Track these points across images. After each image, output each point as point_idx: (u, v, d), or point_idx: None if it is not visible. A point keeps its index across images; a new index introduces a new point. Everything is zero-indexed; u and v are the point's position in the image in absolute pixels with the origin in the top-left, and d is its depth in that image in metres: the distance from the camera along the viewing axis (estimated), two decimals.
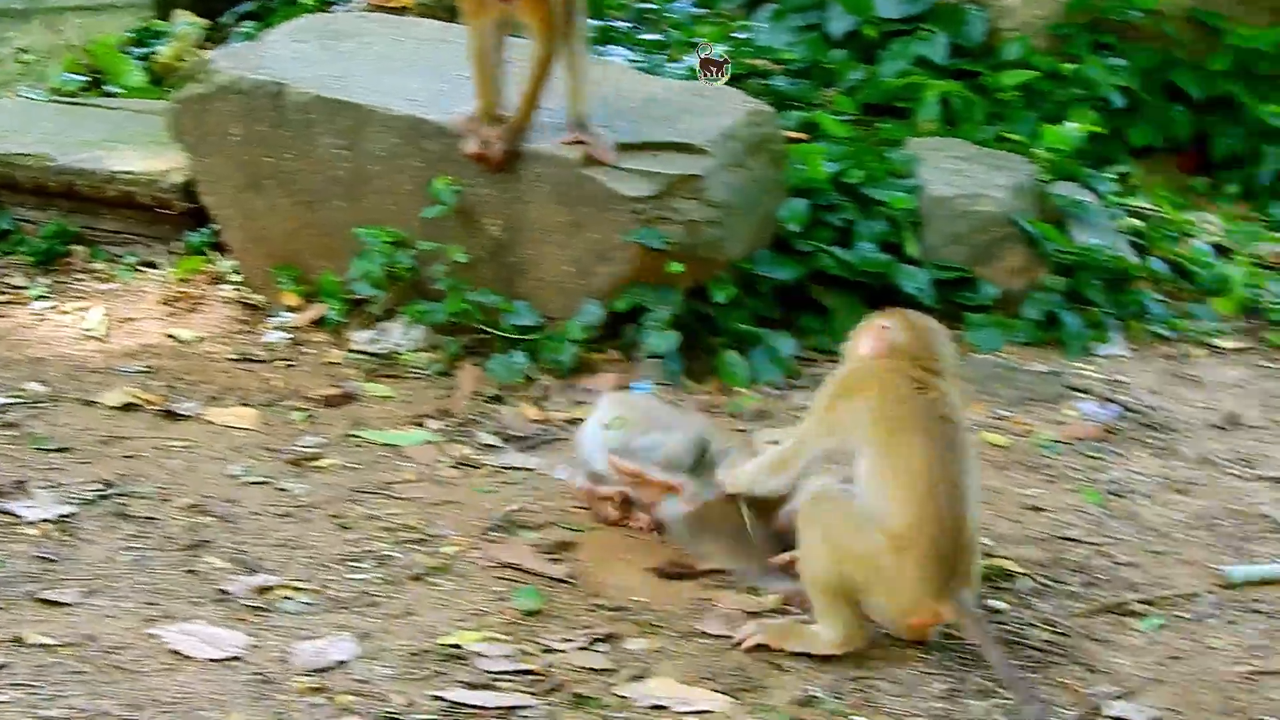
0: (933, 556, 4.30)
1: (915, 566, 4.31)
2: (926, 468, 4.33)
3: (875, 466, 4.40)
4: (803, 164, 7.16)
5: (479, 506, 5.37)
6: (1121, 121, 8.65)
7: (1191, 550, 5.19)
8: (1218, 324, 7.11)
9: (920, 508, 4.31)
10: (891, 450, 4.39)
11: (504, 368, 6.31)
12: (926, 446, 4.35)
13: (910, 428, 4.38)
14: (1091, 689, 4.38)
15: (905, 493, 4.34)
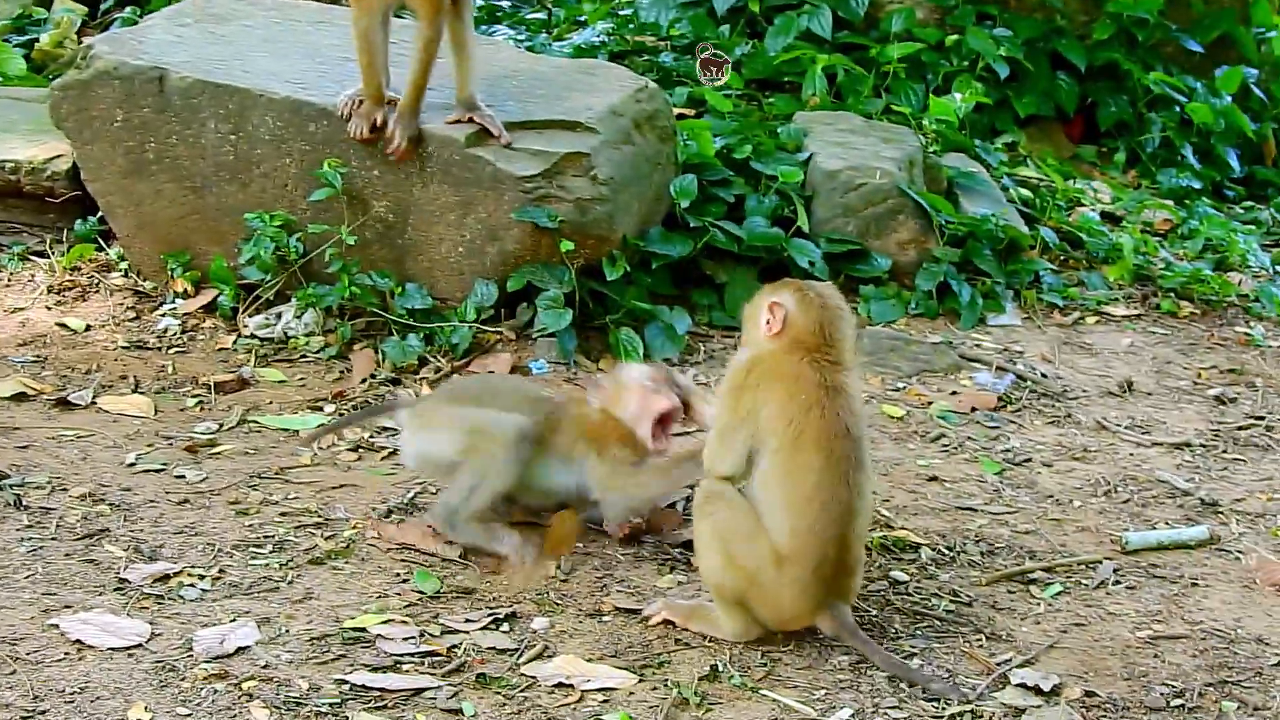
0: (814, 576, 4.29)
1: (795, 583, 4.31)
2: (819, 490, 4.28)
3: (771, 476, 4.36)
4: (691, 140, 7.16)
5: (376, 490, 5.34)
6: (1008, 92, 8.71)
7: (1090, 517, 5.22)
8: (1109, 291, 7.15)
9: (808, 530, 4.28)
10: (789, 463, 4.32)
11: (398, 350, 6.27)
12: (824, 467, 4.29)
13: (811, 444, 4.30)
14: (996, 657, 4.40)
15: (795, 511, 4.30)
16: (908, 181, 7.08)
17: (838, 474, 4.28)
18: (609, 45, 8.89)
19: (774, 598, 4.34)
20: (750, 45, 8.92)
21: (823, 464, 4.28)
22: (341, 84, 6.51)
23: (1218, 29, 9.41)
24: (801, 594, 4.30)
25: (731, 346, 6.49)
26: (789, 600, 4.33)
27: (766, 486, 4.36)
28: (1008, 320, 6.84)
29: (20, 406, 5.87)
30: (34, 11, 9.24)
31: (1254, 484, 5.44)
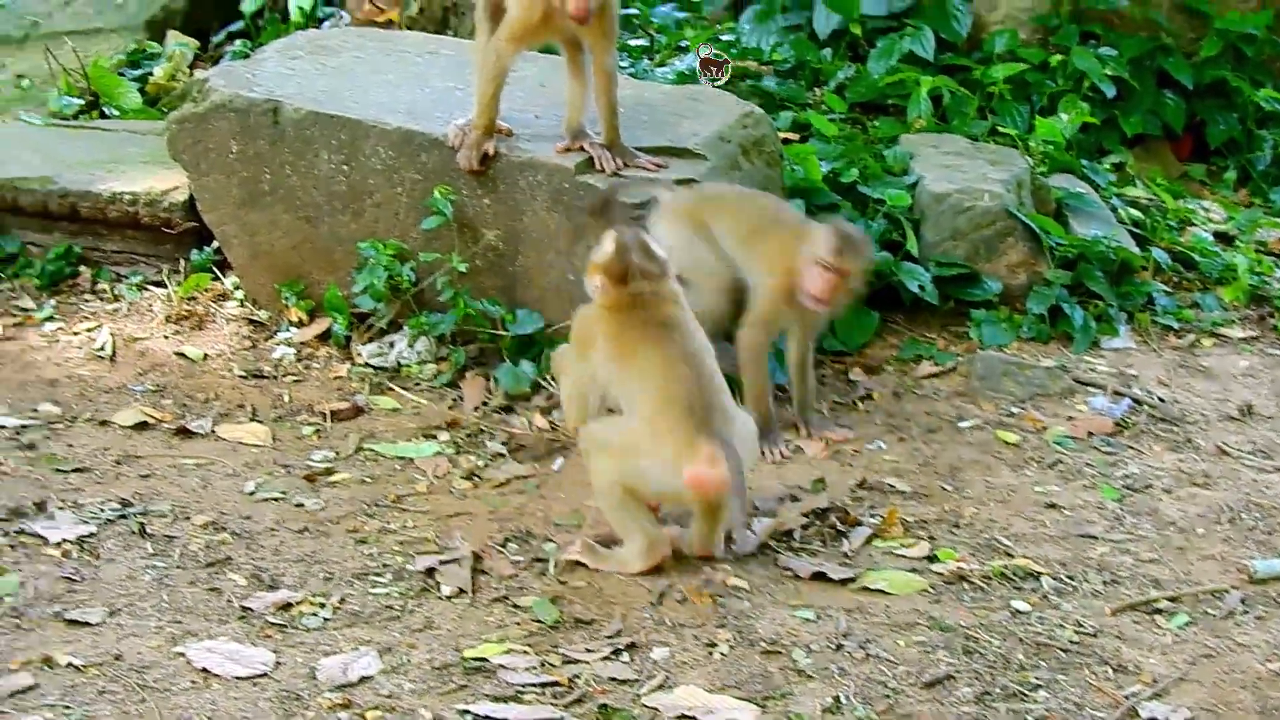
0: (683, 411, 4.77)
1: (669, 425, 4.77)
2: (660, 360, 4.86)
3: (622, 385, 4.95)
4: (798, 164, 7.10)
5: (492, 517, 5.32)
6: (1114, 111, 8.59)
7: (1214, 545, 5.12)
8: (1225, 313, 7.03)
9: (663, 386, 4.82)
10: (629, 369, 4.92)
11: (511, 377, 6.26)
12: (655, 349, 4.88)
13: (637, 346, 4.92)
14: (1124, 689, 4.31)
15: (649, 383, 4.86)
16: (1016, 203, 6.98)
17: (669, 347, 4.89)
18: None
19: (658, 446, 4.78)
20: (853, 68, 8.85)
21: (653, 349, 4.89)
22: (450, 114, 6.50)
23: None
24: (678, 427, 4.76)
25: (841, 374, 6.43)
26: (670, 439, 4.75)
27: (623, 393, 4.96)
28: (1122, 343, 6.72)
29: (142, 435, 5.91)
30: (147, 46, 9.30)
31: None
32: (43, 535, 5.00)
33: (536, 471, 5.74)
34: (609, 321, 5.00)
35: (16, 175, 7.30)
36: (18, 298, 7.04)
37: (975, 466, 5.64)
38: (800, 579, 4.90)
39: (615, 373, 4.97)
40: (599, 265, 5.01)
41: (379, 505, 5.42)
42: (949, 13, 8.99)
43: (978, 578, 4.87)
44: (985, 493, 5.46)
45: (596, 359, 5.01)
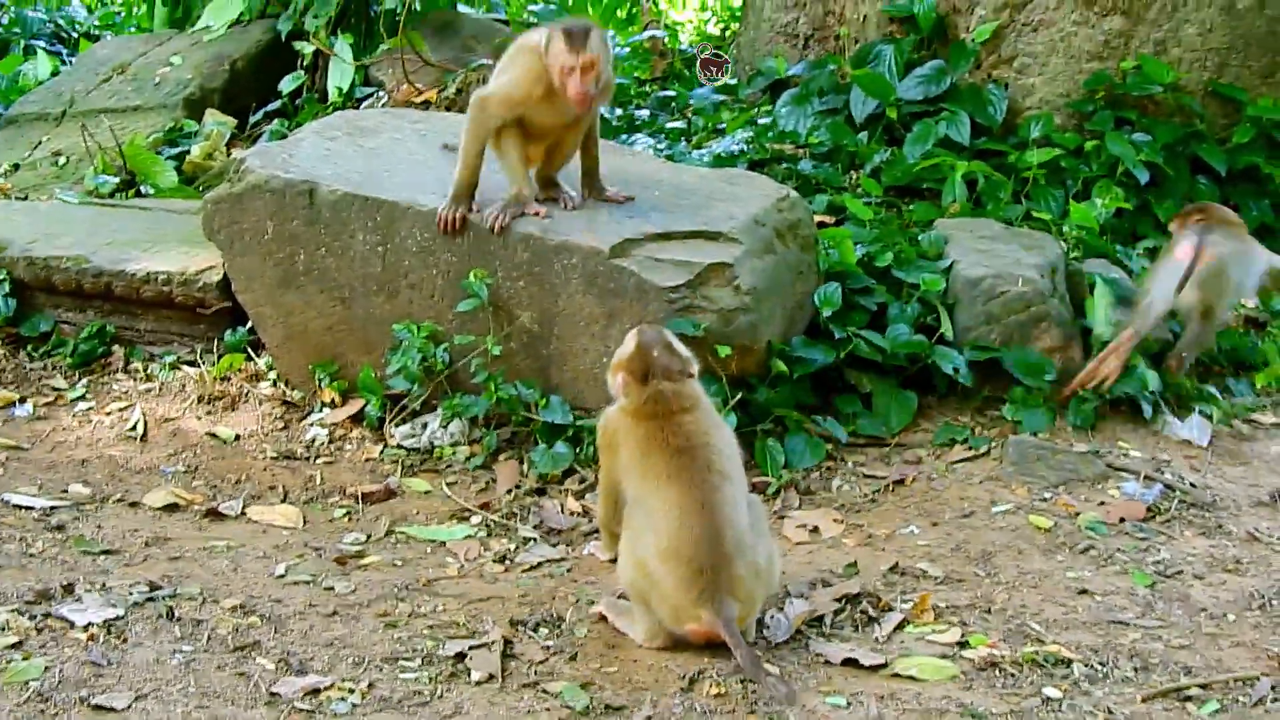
0: (690, 572, 4.75)
1: (674, 582, 4.78)
2: (674, 504, 4.81)
3: (638, 505, 4.95)
4: (833, 248, 7.11)
5: (523, 601, 5.31)
6: (1148, 196, 8.58)
7: (1245, 631, 5.06)
8: (1256, 399, 7.00)
9: (673, 536, 4.78)
10: (645, 495, 4.92)
11: (546, 459, 6.27)
12: (671, 486, 4.85)
13: (655, 472, 4.90)
14: None
15: (660, 523, 4.82)
16: (1050, 288, 6.97)
17: (687, 486, 4.84)
18: (748, 153, 8.87)
19: (664, 590, 4.81)
20: (889, 152, 8.87)
21: (669, 487, 4.86)
22: (481, 196, 6.52)
23: None
24: (684, 584, 4.76)
25: (878, 459, 6.42)
26: (675, 591, 4.78)
27: (639, 513, 4.94)
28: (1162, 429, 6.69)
29: (172, 517, 5.92)
30: (185, 124, 9.37)
31: None
32: (70, 619, 4.96)
33: (568, 555, 5.73)
34: (631, 431, 5.00)
35: (51, 254, 7.35)
36: (50, 377, 7.08)
37: (1007, 551, 5.61)
38: (832, 665, 4.86)
39: (634, 487, 4.99)
40: (621, 363, 5.04)
41: (410, 589, 5.40)
42: (984, 98, 9.03)
43: (1009, 664, 4.83)
44: (1017, 578, 5.42)
45: (619, 465, 5.04)
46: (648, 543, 4.84)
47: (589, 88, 6.09)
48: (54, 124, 9.44)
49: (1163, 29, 9.07)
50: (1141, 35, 9.08)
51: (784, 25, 10.36)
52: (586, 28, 6.17)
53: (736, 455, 5.03)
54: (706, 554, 4.74)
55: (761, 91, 10.04)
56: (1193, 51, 9.09)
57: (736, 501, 4.87)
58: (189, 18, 10.99)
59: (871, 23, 9.70)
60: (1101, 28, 9.08)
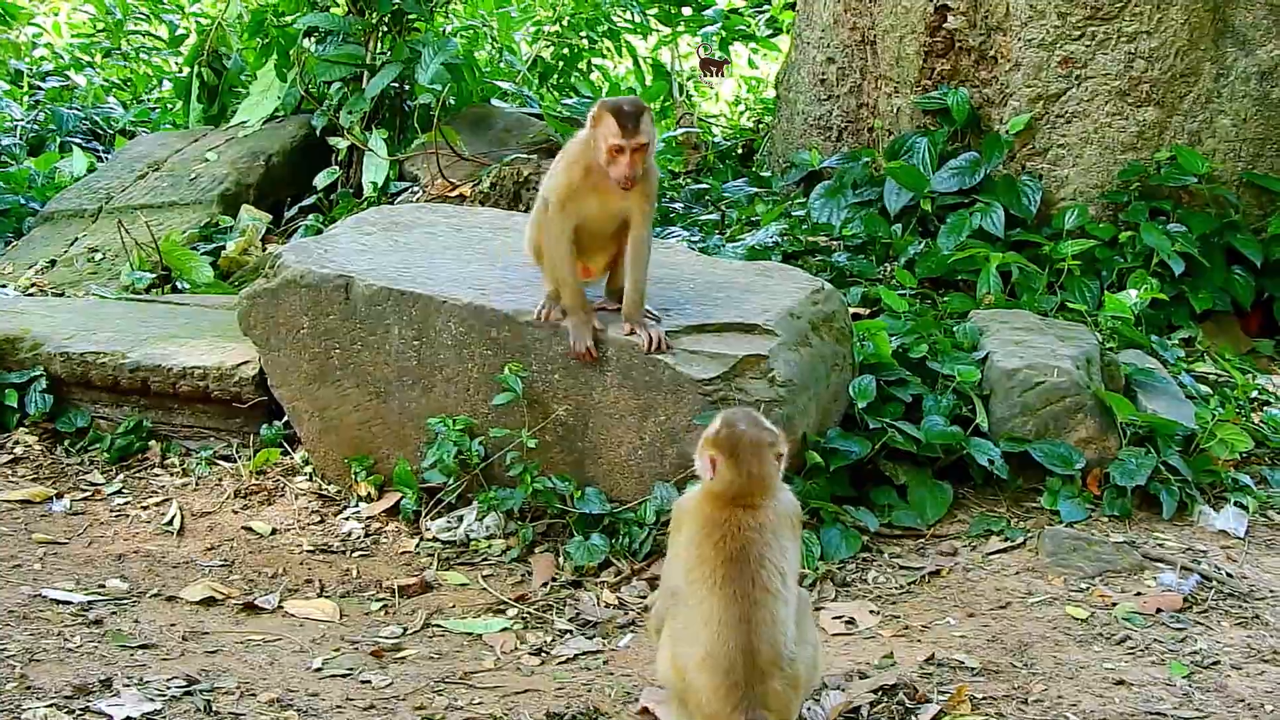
0: (727, 683, 4.67)
1: (711, 687, 4.69)
2: (716, 616, 4.70)
3: (682, 603, 4.84)
4: (868, 340, 7.17)
5: (560, 694, 5.36)
6: (1183, 287, 8.65)
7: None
8: None
9: (712, 647, 4.69)
10: (691, 595, 4.80)
11: (582, 551, 6.31)
12: (714, 597, 4.72)
13: (703, 579, 4.78)
14: None
15: (702, 632, 4.72)
16: (1086, 379, 7.02)
17: (728, 598, 4.73)
18: (782, 246, 8.96)
19: (699, 697, 4.72)
20: (923, 244, 8.96)
21: (712, 594, 4.75)
22: (517, 290, 6.60)
23: None
24: (718, 695, 4.67)
25: (914, 550, 6.46)
26: (710, 701, 4.68)
27: (681, 615, 4.85)
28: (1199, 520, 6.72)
29: (209, 611, 5.97)
30: (220, 220, 9.49)
31: None
32: (108, 713, 5.01)
33: (604, 648, 5.77)
34: (698, 512, 4.89)
35: (88, 349, 7.44)
36: (87, 472, 7.16)
37: (1044, 643, 5.64)
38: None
39: (682, 577, 4.89)
40: (709, 440, 4.91)
41: (446, 682, 5.44)
42: (1018, 189, 9.13)
43: None
44: (1054, 669, 5.45)
45: (679, 542, 4.96)
46: (686, 649, 4.79)
47: (635, 171, 6.11)
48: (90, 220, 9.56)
49: (1197, 120, 9.17)
50: (1175, 126, 9.18)
51: (817, 118, 10.48)
52: (639, 109, 6.14)
53: (793, 559, 4.93)
54: (743, 669, 4.68)
55: (795, 184, 10.15)
56: (1227, 142, 9.19)
57: (780, 619, 4.77)
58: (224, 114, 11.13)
59: (904, 115, 9.82)
60: (1135, 119, 9.18)
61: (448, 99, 9.95)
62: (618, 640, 5.83)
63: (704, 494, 4.91)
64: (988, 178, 9.23)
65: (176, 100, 12.52)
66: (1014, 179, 9.22)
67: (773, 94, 12.12)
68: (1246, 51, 9.15)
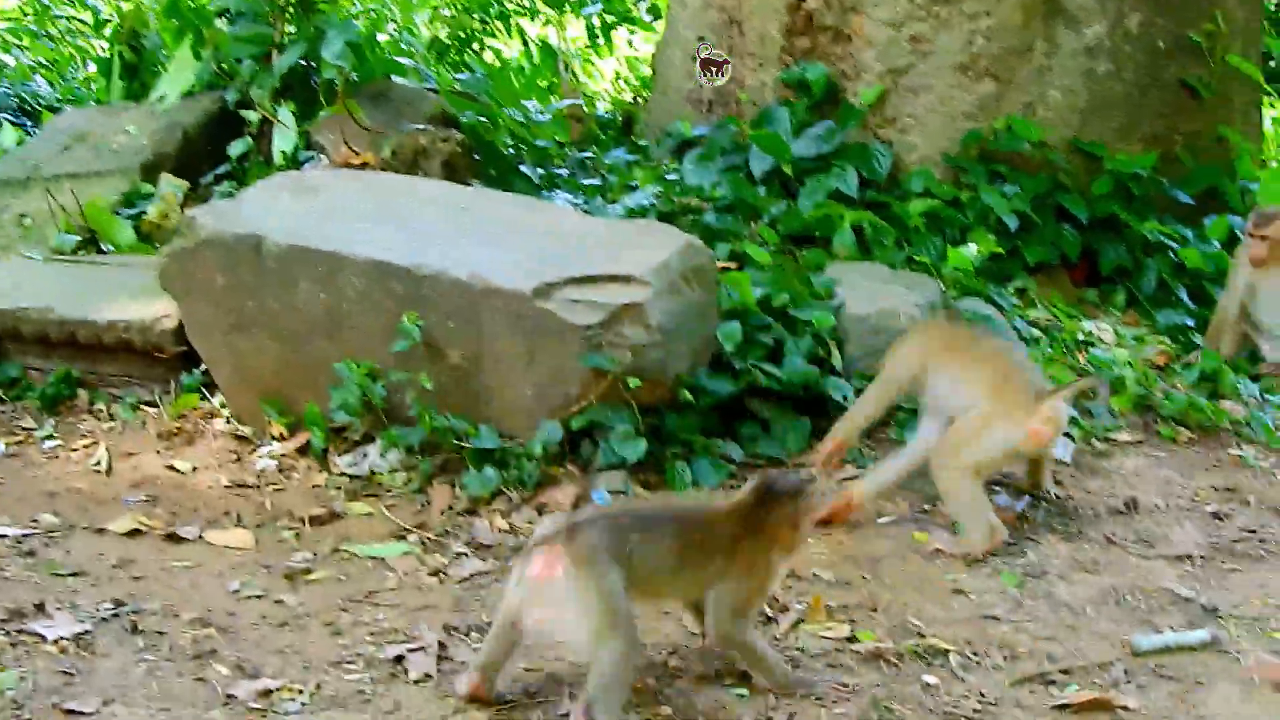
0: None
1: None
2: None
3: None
4: (734, 290, 7.24)
5: (456, 609, 5.40)
6: (1017, 242, 8.77)
7: (1102, 624, 5.21)
8: (1114, 420, 7.15)
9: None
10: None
11: (477, 482, 6.34)
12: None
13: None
14: None
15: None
16: None
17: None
18: (658, 207, 8.98)
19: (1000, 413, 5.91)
20: (785, 204, 9.03)
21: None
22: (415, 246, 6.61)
23: (1206, 182, 9.49)
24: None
25: None
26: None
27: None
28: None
29: (135, 541, 5.96)
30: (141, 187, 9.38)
31: (1250, 591, 5.44)
32: (41, 634, 5.03)
33: (496, 568, 5.82)
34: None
35: (19, 306, 7.37)
36: (20, 418, 7.11)
37: (891, 558, 5.74)
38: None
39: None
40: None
41: (353, 600, 5.48)
42: (871, 154, 9.22)
43: (893, 655, 4.96)
44: (900, 581, 5.56)
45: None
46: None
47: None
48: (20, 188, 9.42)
49: (1030, 92, 9.29)
50: (1011, 97, 9.30)
51: (689, 92, 10.51)
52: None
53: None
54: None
55: (670, 151, 10.17)
56: (1057, 112, 9.33)
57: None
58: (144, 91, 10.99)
59: (768, 89, 9.86)
60: (976, 91, 9.29)
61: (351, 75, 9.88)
62: (508, 560, 5.86)
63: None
64: (843, 144, 9.30)
65: (100, 78, 12.36)
66: (867, 145, 9.29)
67: (650, 71, 12.14)
68: (1075, 30, 9.27)
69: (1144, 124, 9.47)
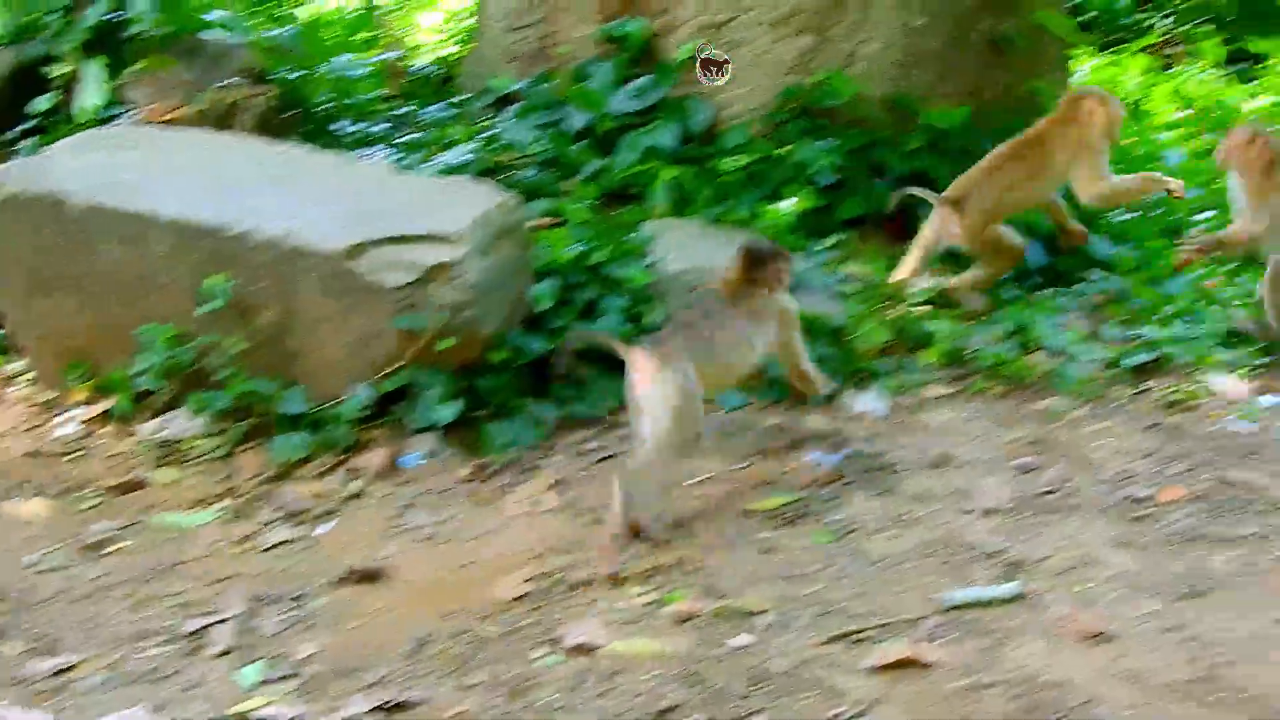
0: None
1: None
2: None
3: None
4: (549, 247, 7.13)
5: (262, 579, 5.27)
6: (833, 197, 8.74)
7: (912, 579, 5.16)
8: (926, 374, 7.14)
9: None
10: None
11: (285, 447, 6.19)
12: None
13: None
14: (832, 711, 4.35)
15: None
16: None
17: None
18: (475, 164, 8.85)
19: None
20: (603, 160, 8.93)
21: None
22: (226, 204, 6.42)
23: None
24: None
25: (592, 437, 6.43)
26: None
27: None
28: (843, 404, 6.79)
29: None
30: None
31: (1057, 543, 5.42)
32: None
33: (306, 535, 5.68)
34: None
35: None
36: None
37: (704, 518, 5.66)
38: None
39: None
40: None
41: (156, 572, 5.33)
42: (688, 110, 9.14)
43: (703, 617, 4.89)
44: (714, 541, 5.47)
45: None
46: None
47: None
48: None
49: (846, 47, 9.26)
50: (828, 52, 9.25)
51: (509, 46, 10.35)
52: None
53: None
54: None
55: (488, 107, 10.02)
56: (873, 67, 9.29)
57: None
58: None
59: (588, 43, 9.75)
60: (793, 46, 9.24)
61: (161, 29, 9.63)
62: (318, 527, 5.73)
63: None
64: (661, 99, 9.21)
65: None
66: (685, 101, 9.21)
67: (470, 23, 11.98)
68: None
69: (957, 78, 9.47)
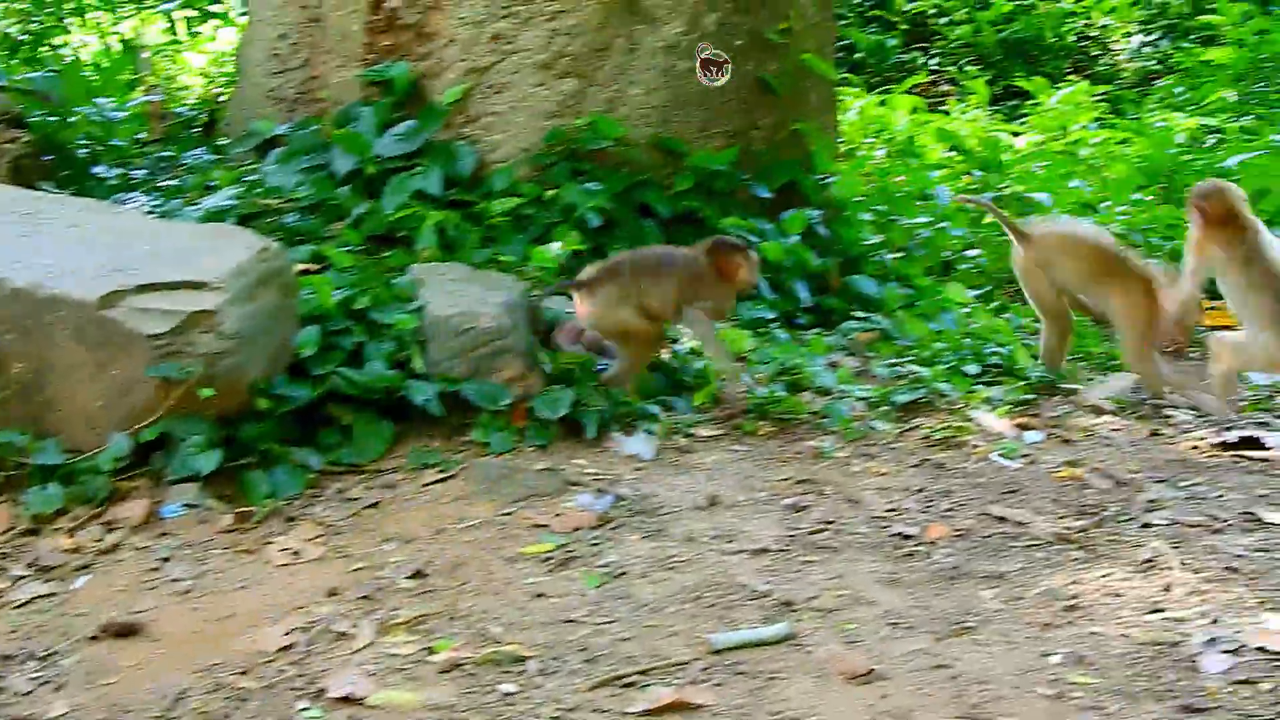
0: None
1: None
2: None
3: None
4: (313, 293, 7.02)
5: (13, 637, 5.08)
6: (600, 239, 8.74)
7: (681, 622, 5.14)
8: (695, 415, 7.15)
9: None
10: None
11: (38, 500, 6.00)
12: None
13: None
14: None
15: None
16: (511, 324, 6.98)
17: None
18: (238, 208, 8.72)
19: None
20: (368, 205, 8.84)
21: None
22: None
23: (784, 177, 9.63)
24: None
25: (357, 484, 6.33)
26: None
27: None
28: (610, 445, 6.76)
29: None
30: None
31: (826, 582, 5.45)
32: None
33: (60, 590, 5.49)
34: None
35: None
36: None
37: (473, 563, 5.59)
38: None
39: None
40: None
41: None
42: (454, 153, 9.12)
43: (471, 665, 4.82)
44: (482, 585, 5.41)
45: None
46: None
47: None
48: None
49: (611, 89, 9.31)
50: (593, 95, 9.30)
51: (271, 90, 10.24)
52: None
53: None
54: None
55: (252, 151, 9.89)
56: (638, 109, 9.36)
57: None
58: None
59: (353, 86, 9.65)
60: (558, 89, 9.27)
61: None
62: (73, 581, 5.54)
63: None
64: (427, 143, 9.18)
65: None
66: (450, 144, 9.18)
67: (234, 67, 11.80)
68: (653, 28, 9.32)
69: (723, 120, 9.56)
